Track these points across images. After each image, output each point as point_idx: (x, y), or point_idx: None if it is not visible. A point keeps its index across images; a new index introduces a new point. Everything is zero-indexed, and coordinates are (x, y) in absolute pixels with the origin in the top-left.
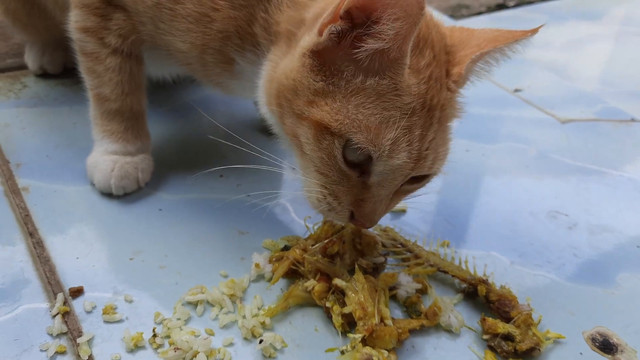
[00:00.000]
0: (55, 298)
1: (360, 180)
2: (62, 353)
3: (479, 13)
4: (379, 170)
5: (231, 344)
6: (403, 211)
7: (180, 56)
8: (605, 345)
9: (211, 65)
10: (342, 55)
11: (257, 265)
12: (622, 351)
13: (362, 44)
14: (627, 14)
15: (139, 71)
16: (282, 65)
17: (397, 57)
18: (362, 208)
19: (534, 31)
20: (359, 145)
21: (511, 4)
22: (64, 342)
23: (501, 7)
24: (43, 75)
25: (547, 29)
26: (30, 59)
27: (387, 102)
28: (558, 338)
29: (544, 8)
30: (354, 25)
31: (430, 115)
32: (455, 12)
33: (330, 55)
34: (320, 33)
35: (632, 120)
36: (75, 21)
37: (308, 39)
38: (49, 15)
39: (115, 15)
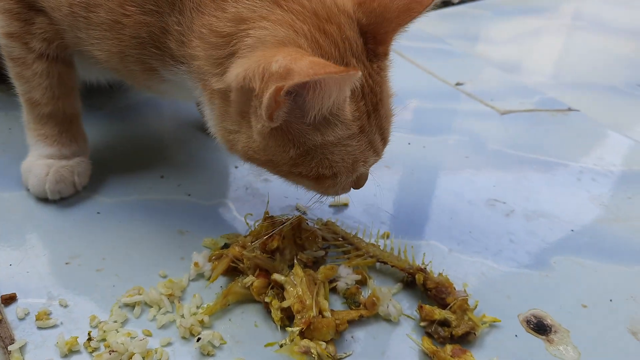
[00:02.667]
0: None
1: None
2: None
3: None
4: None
5: (169, 344)
6: (345, 205)
7: (105, 63)
8: (539, 326)
9: (137, 73)
10: (296, 123)
11: (196, 264)
12: (555, 332)
13: (307, 113)
14: (574, 8)
15: (69, 75)
16: (241, 138)
17: (338, 106)
18: (358, 184)
19: None
20: (348, 177)
21: (455, 1)
22: None
23: (446, 3)
24: None
25: (491, 25)
26: None
27: (345, 137)
28: (494, 322)
29: (488, 4)
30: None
31: (376, 111)
32: None
33: (287, 126)
34: (270, 119)
35: (569, 109)
36: (1, 27)
37: (259, 125)
38: None
39: (38, 19)
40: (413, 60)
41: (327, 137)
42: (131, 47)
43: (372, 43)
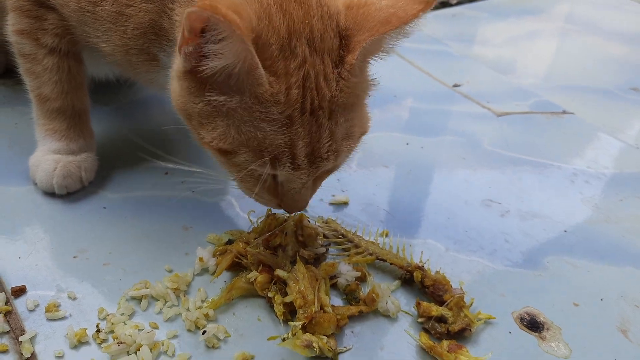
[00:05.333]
0: None
1: (274, 181)
2: (4, 352)
3: None
4: (282, 173)
5: (175, 336)
6: (345, 203)
7: (110, 57)
8: (532, 324)
9: (139, 65)
10: (207, 75)
11: (200, 260)
12: (548, 329)
13: (205, 63)
14: (568, 10)
15: (79, 70)
16: (174, 82)
17: (248, 71)
18: (284, 202)
19: (428, 6)
20: (247, 164)
21: (453, 1)
22: (5, 341)
23: (444, 4)
24: None
25: (488, 26)
26: None
27: (258, 117)
28: (489, 319)
29: (485, 5)
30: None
31: (316, 117)
32: None
33: (201, 76)
34: (180, 52)
35: (564, 112)
36: (11, 24)
37: (177, 61)
38: None
39: (50, 15)
40: (412, 62)
41: (230, 103)
42: (134, 38)
43: (343, 49)
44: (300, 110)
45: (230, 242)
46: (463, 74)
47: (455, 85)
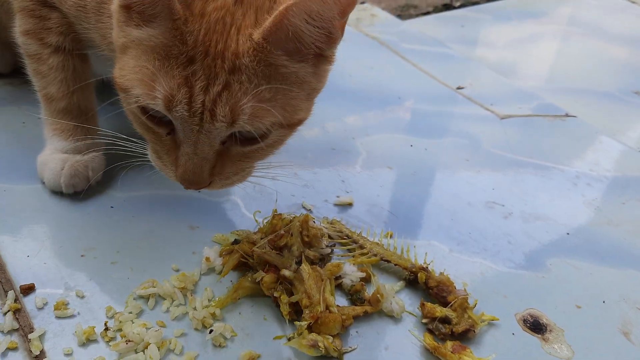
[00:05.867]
0: (6, 296)
1: (172, 138)
2: (14, 349)
3: (427, 13)
4: (179, 125)
5: (182, 335)
6: (349, 204)
7: (103, 51)
8: (535, 325)
9: None
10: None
11: (207, 259)
12: (550, 331)
13: None
14: (570, 13)
15: (84, 69)
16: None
17: (166, 5)
18: (178, 169)
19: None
20: (139, 99)
21: (457, 4)
22: (15, 338)
23: (448, 7)
24: None
25: (491, 29)
26: None
27: (160, 52)
28: (492, 320)
29: (488, 8)
30: None
31: (214, 64)
32: (404, 12)
33: (129, 9)
34: None
35: (566, 115)
36: (18, 26)
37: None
38: None
39: (53, 14)
40: (416, 64)
41: (142, 35)
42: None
43: (272, 10)
44: (203, 52)
45: (236, 242)
46: (466, 76)
47: (459, 88)
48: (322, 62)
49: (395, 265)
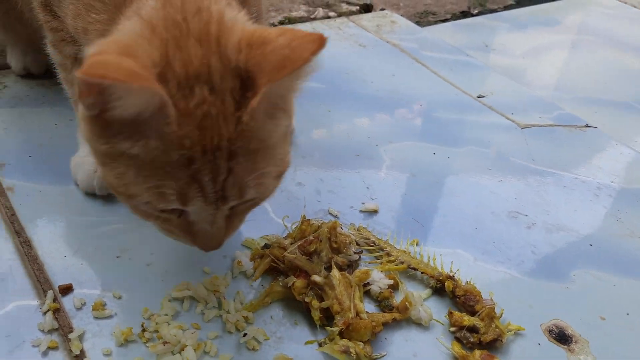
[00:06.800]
0: (45, 295)
1: (183, 218)
2: (54, 348)
3: (445, 20)
4: (193, 212)
5: (217, 337)
6: (375, 211)
7: None
8: (561, 336)
9: None
10: (110, 121)
11: (239, 263)
12: (576, 342)
13: (110, 112)
14: (584, 22)
15: None
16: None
17: (157, 111)
18: (197, 241)
19: (320, 45)
20: (150, 205)
21: (474, 11)
22: (55, 337)
23: (465, 14)
24: (23, 75)
25: (508, 37)
26: (13, 60)
27: (160, 160)
28: (518, 330)
29: (505, 16)
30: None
31: (214, 157)
32: (422, 19)
33: (104, 120)
34: (84, 104)
35: (587, 126)
36: (47, 37)
37: (80, 108)
38: (27, 23)
39: (64, 26)
40: (436, 72)
41: (137, 149)
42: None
43: (248, 89)
44: (201, 151)
45: (266, 246)
46: (486, 84)
47: (480, 96)
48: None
49: (422, 273)
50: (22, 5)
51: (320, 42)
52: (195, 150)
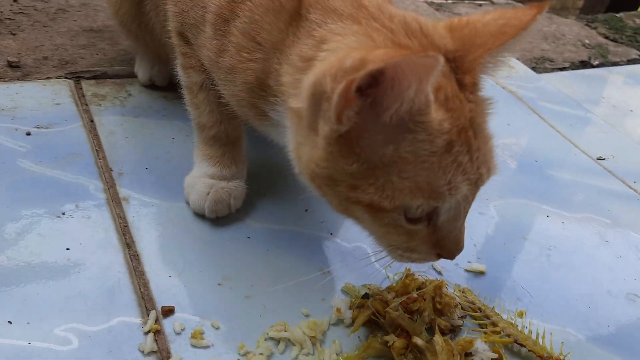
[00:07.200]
0: (148, 315)
1: (431, 227)
2: None
3: (562, 68)
4: (446, 209)
5: None
6: (481, 272)
7: (231, 105)
8: None
9: (252, 118)
10: (367, 128)
11: (338, 310)
12: None
13: (383, 112)
14: None
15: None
16: (306, 150)
17: (420, 106)
18: (444, 248)
19: (542, 8)
20: (420, 208)
21: (595, 62)
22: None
23: (585, 64)
24: (147, 86)
25: (631, 93)
26: (140, 70)
27: (426, 153)
28: None
29: (628, 70)
30: (369, 95)
31: (467, 136)
32: (539, 65)
33: (355, 133)
34: (339, 119)
35: None
36: (177, 58)
37: (327, 129)
38: (157, 38)
39: (195, 54)
40: (554, 125)
41: (402, 149)
42: (243, 91)
43: (459, 72)
44: (456, 133)
45: (366, 295)
46: (607, 145)
47: (600, 159)
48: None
49: (529, 351)
50: (154, 22)
51: (539, 7)
52: (452, 132)
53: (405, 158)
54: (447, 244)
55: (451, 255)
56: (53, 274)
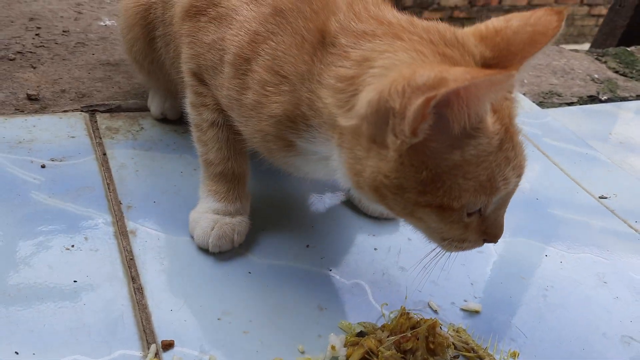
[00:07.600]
0: (149, 348)
1: (481, 217)
2: None
3: (570, 103)
4: (496, 200)
5: None
6: (477, 312)
7: (249, 142)
8: None
9: (276, 151)
10: (436, 138)
11: (333, 348)
12: None
13: (453, 124)
14: None
15: (237, 140)
16: (370, 163)
17: (479, 119)
18: (490, 234)
19: (562, 15)
20: (482, 203)
21: (603, 97)
22: None
23: (593, 99)
24: (159, 119)
25: (637, 130)
26: (153, 105)
27: (485, 154)
28: None
29: (636, 105)
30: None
31: (511, 133)
32: (546, 99)
33: (425, 145)
34: (414, 133)
35: None
36: (187, 96)
37: (399, 142)
38: (167, 73)
39: (210, 93)
40: (557, 163)
41: (466, 153)
42: (269, 125)
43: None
44: (504, 131)
45: (362, 333)
46: (610, 184)
47: (602, 197)
48: None
49: None
50: (164, 59)
51: (560, 14)
52: (501, 132)
53: (469, 161)
54: (492, 230)
55: (495, 239)
56: (60, 306)
